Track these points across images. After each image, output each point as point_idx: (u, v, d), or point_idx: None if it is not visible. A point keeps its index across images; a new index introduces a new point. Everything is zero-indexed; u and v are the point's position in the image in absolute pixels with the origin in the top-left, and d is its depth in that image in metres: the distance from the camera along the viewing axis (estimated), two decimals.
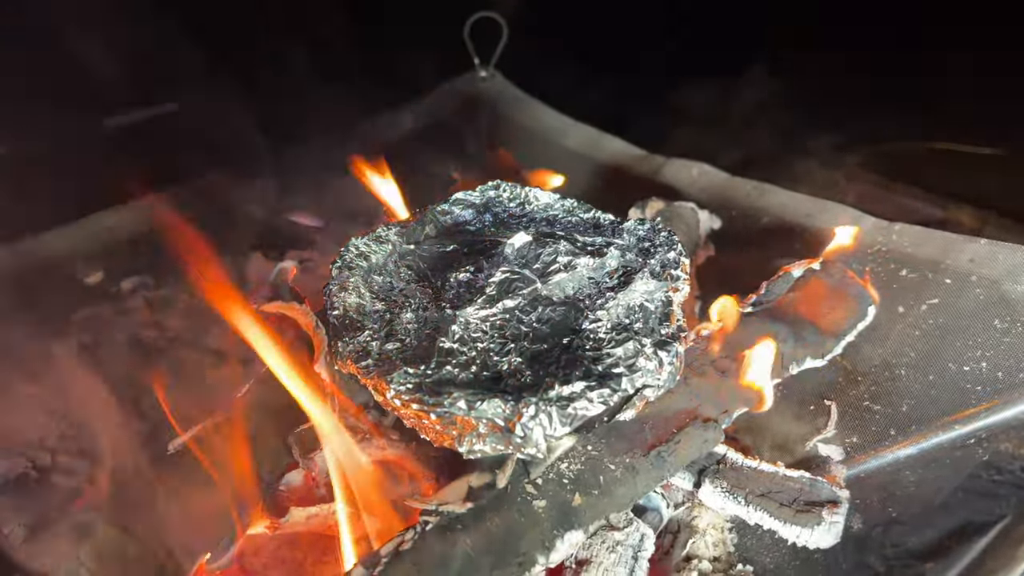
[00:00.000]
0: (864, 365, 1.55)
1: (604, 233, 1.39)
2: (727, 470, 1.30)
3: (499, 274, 1.27)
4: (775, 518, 1.23)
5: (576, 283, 1.28)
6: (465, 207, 1.49)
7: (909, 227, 1.68)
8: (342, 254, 1.35)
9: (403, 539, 1.09)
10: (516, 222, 1.45)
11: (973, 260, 1.55)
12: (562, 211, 1.47)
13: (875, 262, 1.67)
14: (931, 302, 1.56)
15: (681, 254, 1.32)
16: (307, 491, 1.30)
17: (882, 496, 1.37)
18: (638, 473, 1.20)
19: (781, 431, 1.50)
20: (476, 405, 1.09)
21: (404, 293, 1.30)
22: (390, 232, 1.42)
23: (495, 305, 1.23)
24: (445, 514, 1.11)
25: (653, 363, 1.15)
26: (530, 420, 1.08)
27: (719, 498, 1.28)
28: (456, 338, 1.19)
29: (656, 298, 1.25)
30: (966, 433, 1.39)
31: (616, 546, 1.20)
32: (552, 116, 2.49)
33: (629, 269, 1.29)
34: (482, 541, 1.10)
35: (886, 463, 1.42)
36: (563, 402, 1.10)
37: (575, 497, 1.15)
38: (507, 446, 1.10)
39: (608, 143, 2.34)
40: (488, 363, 1.17)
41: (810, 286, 1.51)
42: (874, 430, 1.47)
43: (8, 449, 1.49)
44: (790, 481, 1.28)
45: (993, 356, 1.44)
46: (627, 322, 1.21)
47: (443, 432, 1.13)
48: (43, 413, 1.62)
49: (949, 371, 1.47)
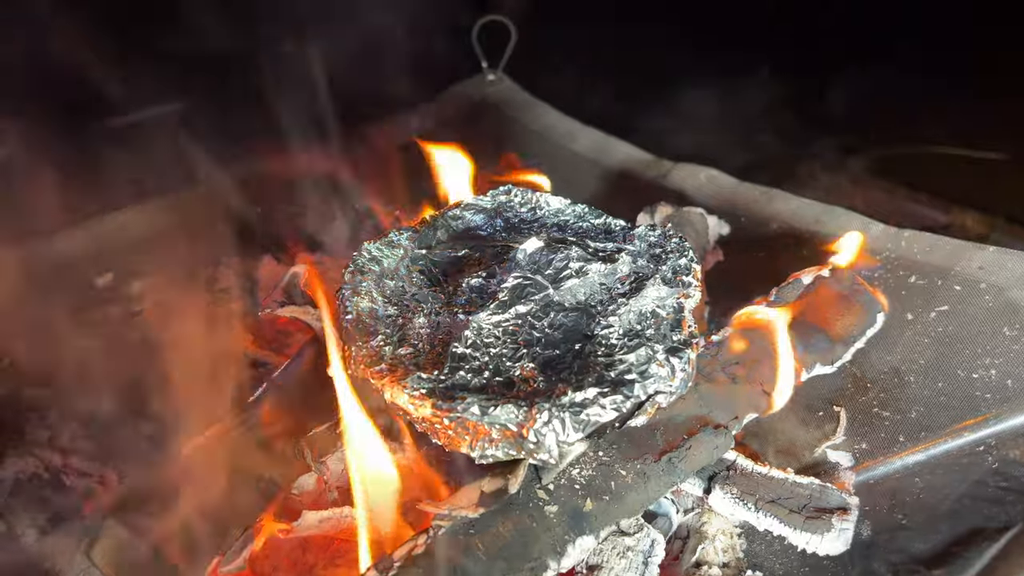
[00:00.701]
0: (873, 372, 1.55)
1: (615, 239, 1.40)
2: (737, 476, 1.30)
3: (511, 280, 1.27)
4: (785, 524, 1.24)
5: (588, 289, 1.28)
6: (476, 212, 1.50)
7: (918, 234, 1.69)
8: (355, 259, 1.35)
9: (416, 543, 1.09)
10: (527, 227, 1.46)
11: (982, 267, 1.55)
12: (573, 216, 1.48)
13: (884, 268, 1.67)
14: (940, 309, 1.56)
15: (692, 260, 1.33)
16: (319, 495, 1.30)
17: (891, 502, 1.38)
18: (649, 479, 1.20)
19: (789, 437, 1.51)
20: (489, 411, 1.10)
21: (416, 298, 1.30)
22: (402, 237, 1.43)
23: (508, 311, 1.23)
24: (457, 519, 1.11)
25: (665, 369, 1.15)
26: (543, 426, 1.09)
27: (729, 504, 1.28)
28: (469, 343, 1.20)
29: (668, 304, 1.25)
30: (975, 440, 1.39)
31: (627, 551, 1.21)
32: (560, 119, 2.50)
33: (641, 275, 1.30)
34: (494, 546, 1.10)
35: (895, 469, 1.42)
36: (576, 408, 1.10)
37: (586, 502, 1.16)
38: (519, 452, 1.11)
39: (616, 147, 2.34)
40: (501, 368, 1.17)
41: (820, 292, 1.51)
42: (883, 436, 1.47)
43: (20, 449, 1.49)
44: (800, 487, 1.29)
45: (1002, 363, 1.45)
46: (639, 328, 1.22)
47: (456, 437, 1.13)
48: (54, 414, 1.62)
49: (958, 378, 1.47)
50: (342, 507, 1.25)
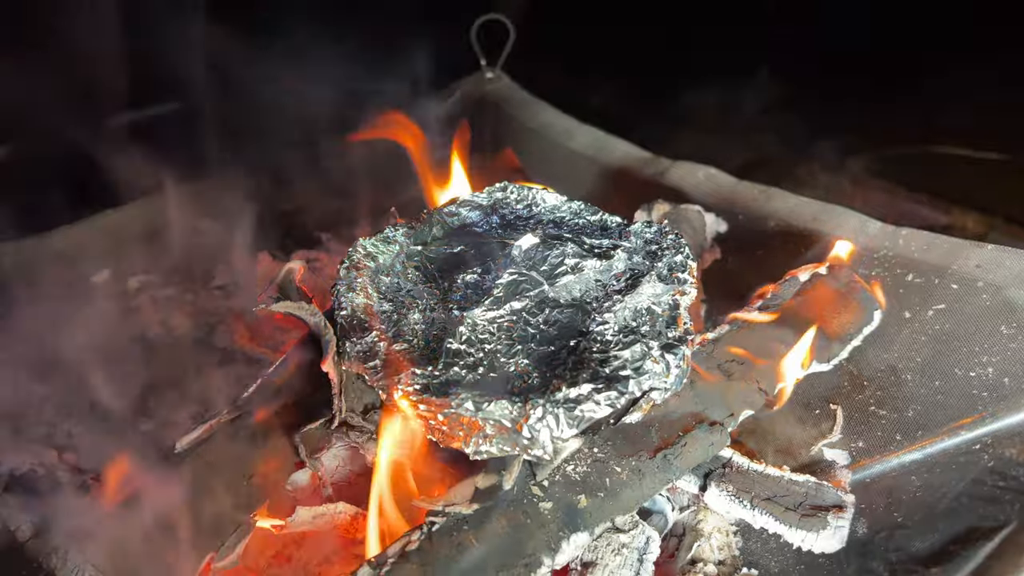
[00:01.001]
0: (870, 370, 1.55)
1: (611, 235, 1.39)
2: (733, 473, 1.30)
3: (506, 276, 1.27)
4: (780, 522, 1.24)
5: (583, 285, 1.28)
6: (472, 208, 1.49)
7: (916, 232, 1.68)
8: (350, 254, 1.35)
9: (410, 539, 1.09)
10: (523, 224, 1.45)
11: (980, 266, 1.55)
12: (569, 213, 1.47)
13: (881, 267, 1.67)
14: (937, 307, 1.56)
15: (688, 257, 1.32)
16: (313, 491, 1.30)
17: (887, 501, 1.37)
18: (644, 476, 1.20)
19: (786, 435, 1.51)
20: (483, 406, 1.10)
21: (411, 294, 1.30)
22: (397, 233, 1.42)
23: (502, 307, 1.23)
24: (452, 515, 1.11)
25: (660, 366, 1.15)
26: (537, 422, 1.09)
27: (725, 501, 1.28)
28: (463, 339, 1.19)
29: (663, 301, 1.25)
30: (972, 439, 1.39)
31: (621, 548, 1.20)
32: (557, 117, 2.49)
33: (636, 272, 1.29)
34: (488, 542, 1.10)
35: (891, 468, 1.42)
36: (570, 404, 1.10)
37: (581, 499, 1.16)
38: (514, 447, 1.11)
39: (614, 145, 2.33)
40: (495, 364, 1.17)
41: (817, 290, 1.51)
42: (880, 435, 1.47)
43: (15, 446, 1.49)
44: (795, 485, 1.28)
45: (999, 362, 1.44)
46: (634, 325, 1.21)
47: (450, 433, 1.13)
48: (50, 410, 1.62)
49: (955, 376, 1.47)
50: (336, 503, 1.25)
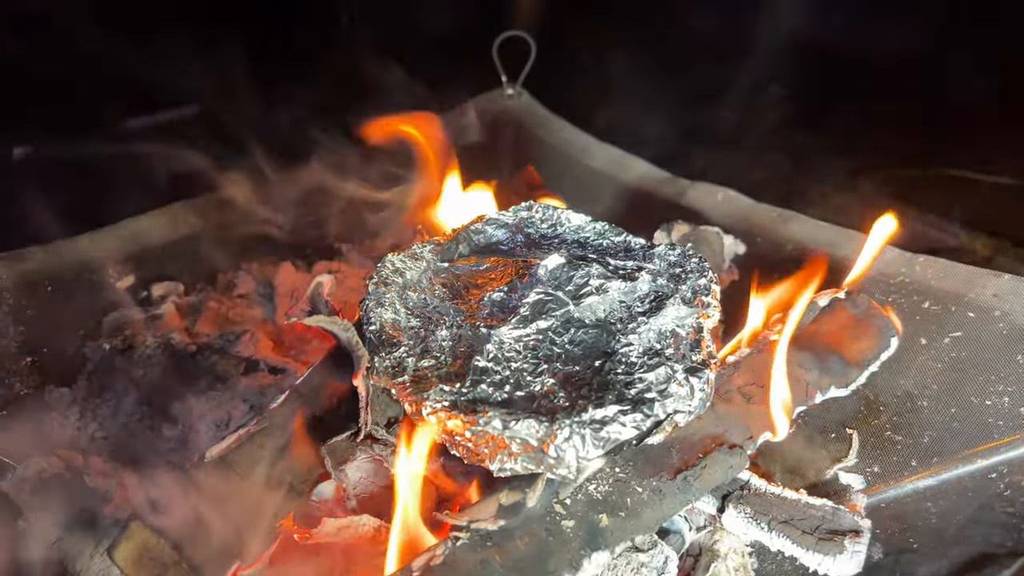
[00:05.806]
0: (886, 396, 1.56)
1: (635, 257, 1.42)
2: (751, 496, 1.31)
3: (533, 295, 1.29)
4: (797, 545, 1.25)
5: (608, 306, 1.30)
6: (498, 227, 1.52)
7: (933, 259, 1.70)
8: (378, 270, 1.38)
9: (434, 554, 1.11)
10: (548, 243, 1.48)
11: (996, 295, 1.57)
12: (593, 234, 1.50)
13: (898, 293, 1.69)
14: (954, 335, 1.57)
15: (712, 281, 1.35)
16: (338, 503, 1.32)
17: (902, 526, 1.39)
18: (664, 496, 1.22)
19: (797, 456, 1.52)
20: (511, 425, 1.12)
21: (439, 310, 1.32)
22: (425, 250, 1.45)
23: (529, 325, 1.25)
24: (476, 530, 1.13)
25: (685, 389, 1.17)
26: (564, 442, 1.11)
27: (742, 523, 1.29)
28: (491, 357, 1.21)
29: (687, 324, 1.27)
30: (987, 467, 1.41)
31: (641, 568, 1.22)
32: (577, 135, 2.51)
33: (660, 294, 1.32)
34: (511, 558, 1.12)
35: (906, 493, 1.43)
36: (596, 425, 1.12)
37: (602, 518, 1.18)
38: (539, 466, 1.13)
39: (633, 164, 2.36)
40: (522, 383, 1.19)
41: (835, 315, 1.53)
42: (895, 460, 1.48)
43: (41, 450, 1.51)
44: (812, 509, 1.30)
45: (1015, 391, 1.46)
46: (659, 347, 1.23)
47: (475, 450, 1.15)
48: (75, 415, 1.65)
49: (971, 404, 1.49)
50: (360, 515, 1.27)
